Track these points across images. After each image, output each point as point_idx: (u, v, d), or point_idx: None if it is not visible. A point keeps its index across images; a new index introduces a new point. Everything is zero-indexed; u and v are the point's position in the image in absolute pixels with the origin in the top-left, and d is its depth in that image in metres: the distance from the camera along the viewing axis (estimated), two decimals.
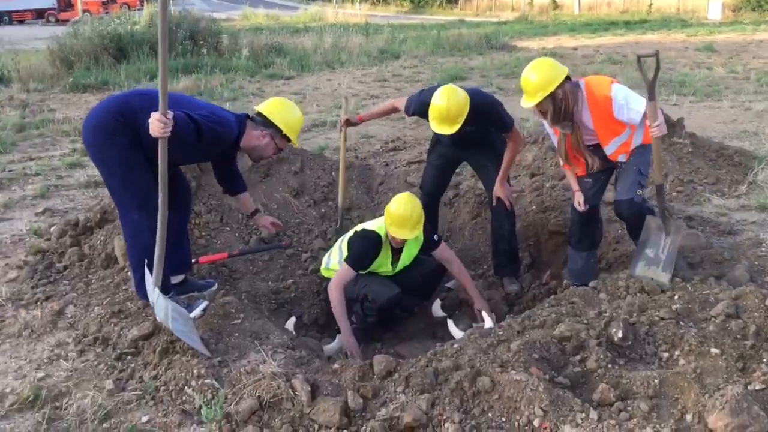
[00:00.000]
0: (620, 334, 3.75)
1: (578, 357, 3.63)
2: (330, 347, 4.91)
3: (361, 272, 5.01)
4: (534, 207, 6.29)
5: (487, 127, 5.26)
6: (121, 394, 3.66)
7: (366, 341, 5.21)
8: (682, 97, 12.55)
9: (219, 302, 4.36)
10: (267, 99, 4.61)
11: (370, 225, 5.13)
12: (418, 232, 4.92)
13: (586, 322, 3.92)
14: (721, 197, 6.64)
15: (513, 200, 5.73)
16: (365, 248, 4.97)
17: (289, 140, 4.44)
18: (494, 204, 5.58)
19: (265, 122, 4.37)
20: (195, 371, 3.63)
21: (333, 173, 7.07)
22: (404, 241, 4.96)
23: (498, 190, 5.51)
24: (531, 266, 5.97)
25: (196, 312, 4.25)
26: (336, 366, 3.70)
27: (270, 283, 5.71)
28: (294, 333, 4.82)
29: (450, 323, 5.02)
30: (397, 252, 5.12)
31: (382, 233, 4.98)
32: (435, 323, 5.46)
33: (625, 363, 3.60)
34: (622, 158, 4.70)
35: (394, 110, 5.64)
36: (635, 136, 4.61)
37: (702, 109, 11.39)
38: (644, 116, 4.35)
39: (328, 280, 5.36)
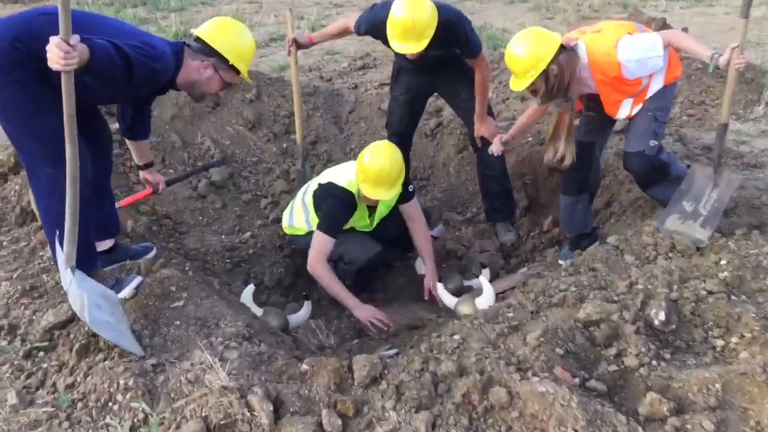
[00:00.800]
0: (662, 317, 2.99)
1: (613, 350, 2.86)
2: (297, 317, 4.11)
3: None
4: (529, 138, 5.42)
5: (453, 50, 4.39)
6: (27, 412, 2.81)
7: (338, 308, 4.43)
8: (672, 2, 11.58)
9: (156, 277, 3.48)
10: (213, 18, 3.59)
11: (339, 176, 4.27)
12: (397, 192, 4.08)
13: (616, 298, 3.14)
14: (737, 120, 5.85)
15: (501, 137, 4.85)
16: (336, 211, 4.15)
17: (238, 72, 3.47)
18: (479, 144, 4.74)
19: (206, 50, 3.39)
20: (121, 381, 2.78)
21: None
22: (377, 201, 4.13)
23: (480, 129, 4.66)
24: (528, 209, 5.16)
25: (126, 291, 3.38)
26: (305, 367, 2.88)
27: (223, 236, 4.83)
28: (253, 307, 3.99)
29: (440, 288, 4.22)
30: (372, 206, 4.28)
31: (353, 189, 4.12)
32: (420, 281, 4.66)
33: (671, 356, 2.85)
34: (636, 111, 3.88)
35: (347, 30, 4.62)
36: (653, 83, 3.80)
37: (695, 17, 10.46)
38: (667, 52, 3.70)
39: (294, 236, 4.52)
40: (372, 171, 3.92)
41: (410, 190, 4.34)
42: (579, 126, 4.08)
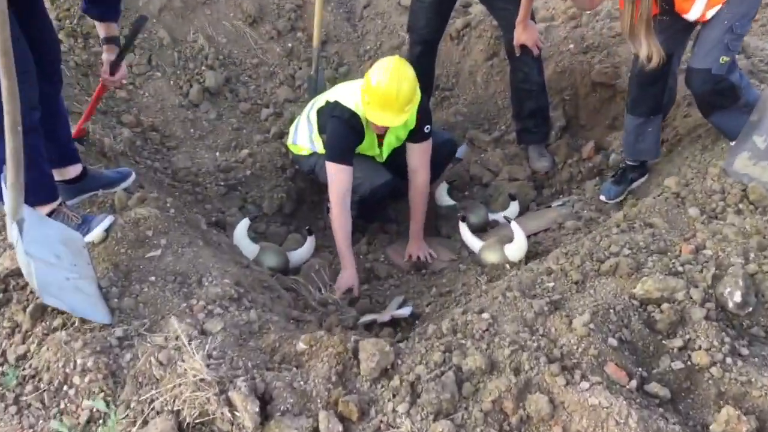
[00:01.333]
0: (738, 297, 2.45)
1: (678, 340, 2.34)
2: (298, 254, 3.61)
3: None
4: (571, 45, 4.69)
5: None
6: None
7: None
8: None
9: (130, 218, 2.93)
10: None
11: (347, 95, 3.64)
12: (408, 117, 3.45)
13: (681, 269, 2.59)
14: None
15: (542, 45, 4.15)
16: (341, 134, 3.55)
17: None
18: (516, 53, 4.05)
19: None
20: (79, 360, 2.30)
21: None
22: (386, 128, 3.52)
23: (521, 36, 3.96)
24: (565, 130, 4.51)
25: (94, 234, 2.85)
26: (302, 346, 2.38)
27: (217, 153, 4.26)
28: (247, 246, 3.46)
29: (463, 228, 3.67)
30: (379, 135, 3.68)
31: (359, 110, 3.52)
32: (439, 215, 4.11)
33: (749, 351, 2.33)
34: (711, 14, 3.15)
35: None
36: None
37: None
38: None
39: (297, 156, 3.95)
40: (379, 93, 3.31)
41: (426, 130, 3.68)
42: (658, 31, 3.39)
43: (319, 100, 3.78)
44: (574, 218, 3.66)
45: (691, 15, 3.18)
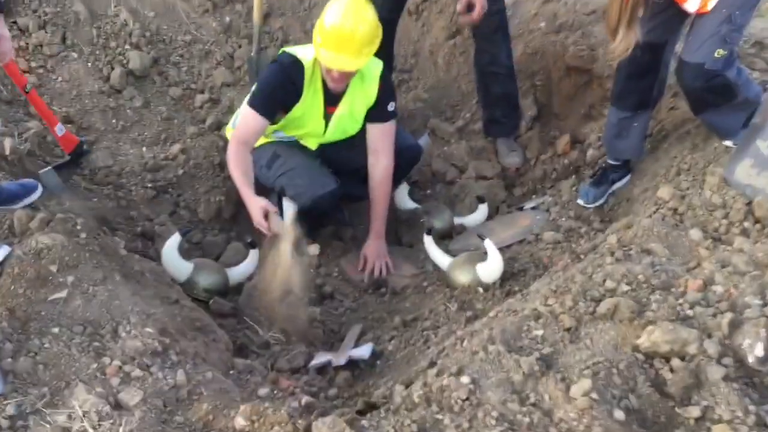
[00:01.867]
0: (760, 352, 2.07)
1: (693, 409, 1.95)
2: (239, 271, 3.13)
3: (277, 136, 3.15)
4: (542, 24, 4.23)
5: None
6: None
7: None
8: None
9: (30, 248, 2.39)
10: None
11: (297, 48, 3.19)
12: (366, 61, 3.02)
13: (690, 312, 2.20)
14: None
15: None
16: (272, 84, 3.12)
17: None
18: (477, 25, 3.60)
19: None
20: None
21: None
22: (343, 78, 3.04)
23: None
24: (536, 120, 4.08)
25: None
26: (241, 422, 1.92)
27: (144, 149, 3.72)
28: (178, 267, 2.96)
29: (428, 241, 3.23)
30: (332, 99, 3.19)
31: (306, 61, 3.07)
32: (400, 220, 3.66)
33: None
34: (711, 4, 2.78)
35: None
36: None
37: None
38: None
39: None
40: (333, 31, 2.89)
41: (390, 108, 3.24)
42: (642, 20, 2.98)
43: None
44: (552, 227, 3.26)
45: (690, 5, 2.77)
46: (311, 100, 3.15)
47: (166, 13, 4.25)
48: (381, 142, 3.28)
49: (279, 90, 3.10)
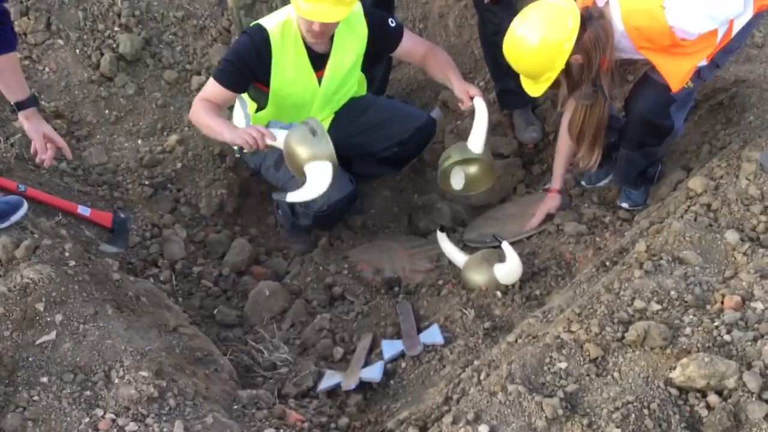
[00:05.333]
0: None
1: None
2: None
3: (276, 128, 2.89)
4: None
5: None
6: None
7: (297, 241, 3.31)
8: None
9: (16, 284, 2.23)
10: None
11: (267, 17, 3.00)
12: (348, 11, 2.77)
13: (727, 337, 2.01)
14: None
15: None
16: (240, 47, 2.92)
17: None
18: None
19: None
20: None
21: None
22: (324, 32, 2.81)
23: None
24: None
25: None
26: None
27: (140, 141, 3.52)
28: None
29: (442, 238, 3.02)
30: (318, 62, 2.97)
31: (271, 27, 2.87)
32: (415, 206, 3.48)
33: None
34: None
35: None
36: (736, 26, 2.60)
37: None
38: None
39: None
40: None
41: (392, 24, 3.10)
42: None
43: None
44: (573, 216, 3.04)
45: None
46: (292, 63, 2.91)
47: None
48: (410, 44, 3.15)
49: (244, 62, 2.87)
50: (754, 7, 2.56)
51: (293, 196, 2.77)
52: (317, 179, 2.70)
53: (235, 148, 2.90)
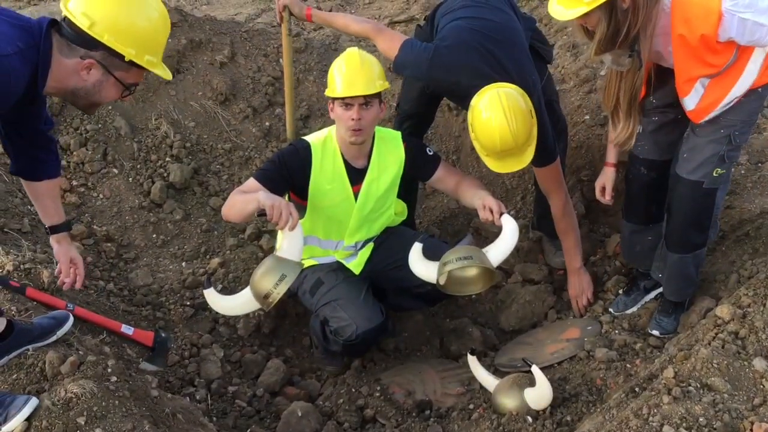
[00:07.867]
0: None
1: None
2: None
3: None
4: (586, 117, 4.11)
5: None
6: None
7: (331, 363, 3.37)
8: None
9: (59, 398, 2.33)
10: None
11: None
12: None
13: None
14: None
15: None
16: (277, 159, 3.04)
17: (144, 69, 2.19)
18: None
19: (86, 40, 2.10)
20: None
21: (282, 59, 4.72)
22: (360, 125, 2.89)
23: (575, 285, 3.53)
24: (585, 217, 3.91)
25: (12, 425, 2.27)
26: None
27: (184, 264, 3.68)
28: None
29: (473, 362, 3.06)
30: (357, 173, 3.10)
31: (318, 141, 3.05)
32: (445, 330, 3.52)
33: None
34: (707, 118, 2.64)
35: (369, 37, 3.27)
36: (747, 70, 2.52)
37: None
38: None
39: None
40: (342, 65, 2.92)
41: (430, 152, 3.26)
42: (639, 137, 2.98)
43: None
44: (604, 342, 3.06)
45: (687, 103, 2.62)
46: (330, 173, 3.04)
47: (206, 123, 4.27)
48: (448, 177, 3.24)
49: (285, 164, 2.99)
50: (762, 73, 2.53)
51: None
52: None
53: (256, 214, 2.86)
